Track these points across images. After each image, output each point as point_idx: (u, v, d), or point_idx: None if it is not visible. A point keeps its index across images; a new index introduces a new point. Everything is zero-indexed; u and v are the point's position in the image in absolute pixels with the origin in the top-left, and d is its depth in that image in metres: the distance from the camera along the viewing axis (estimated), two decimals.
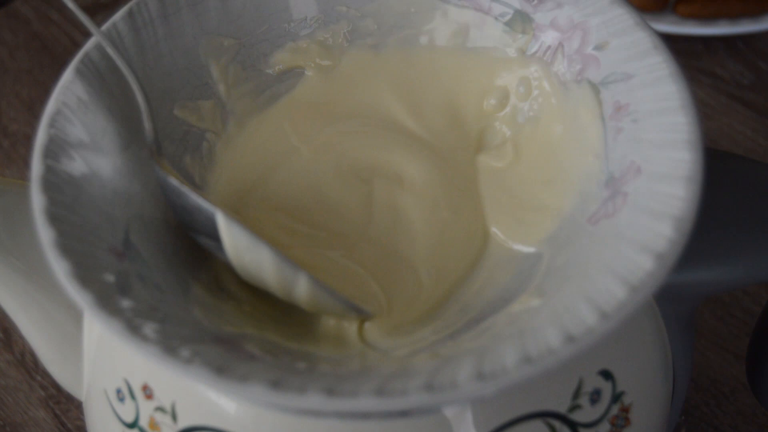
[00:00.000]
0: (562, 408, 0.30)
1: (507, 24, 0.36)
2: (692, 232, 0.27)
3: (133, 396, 0.32)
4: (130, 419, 0.32)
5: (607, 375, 0.31)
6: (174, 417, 0.31)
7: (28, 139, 0.66)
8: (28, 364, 0.53)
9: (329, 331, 0.31)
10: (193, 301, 0.30)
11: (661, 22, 0.68)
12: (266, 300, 0.32)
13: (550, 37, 0.35)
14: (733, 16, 0.69)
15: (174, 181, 0.31)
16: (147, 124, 0.33)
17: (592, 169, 0.32)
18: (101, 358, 0.34)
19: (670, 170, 0.28)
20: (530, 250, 0.32)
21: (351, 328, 0.31)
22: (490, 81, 0.37)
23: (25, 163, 0.28)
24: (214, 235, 0.30)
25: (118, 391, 0.32)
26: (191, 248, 0.33)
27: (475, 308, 0.31)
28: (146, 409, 0.32)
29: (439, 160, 0.36)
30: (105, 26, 0.34)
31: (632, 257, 0.27)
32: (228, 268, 0.32)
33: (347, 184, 0.35)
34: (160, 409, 0.31)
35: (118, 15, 0.35)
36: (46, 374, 0.38)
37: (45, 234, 0.28)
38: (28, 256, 0.35)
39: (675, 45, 0.32)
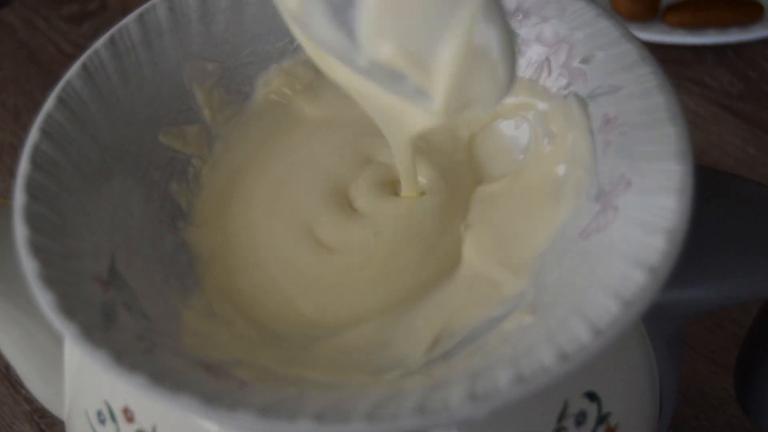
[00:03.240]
0: (547, 430, 0.30)
1: None
2: (683, 245, 0.27)
3: (113, 418, 0.31)
4: None
5: (592, 396, 0.30)
6: None
7: (14, 149, 0.66)
8: (12, 377, 0.52)
9: (323, 353, 0.31)
10: (183, 328, 0.30)
11: (650, 31, 0.68)
12: (260, 323, 0.32)
13: (536, 52, 0.35)
14: (722, 25, 0.69)
15: None
16: None
17: (581, 183, 0.32)
18: (82, 379, 0.34)
19: (660, 182, 0.28)
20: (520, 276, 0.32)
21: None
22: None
23: (11, 173, 0.28)
24: None
25: (99, 413, 0.32)
26: (181, 276, 0.32)
27: (466, 328, 0.31)
28: None
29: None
30: (87, 54, 0.34)
31: (625, 271, 0.27)
32: (222, 291, 0.32)
33: (338, 203, 0.35)
34: None
35: (100, 42, 0.34)
36: None
37: (28, 265, 0.27)
38: (7, 275, 0.34)
39: (664, 54, 0.32)
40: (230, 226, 0.35)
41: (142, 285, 0.30)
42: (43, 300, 0.27)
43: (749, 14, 0.69)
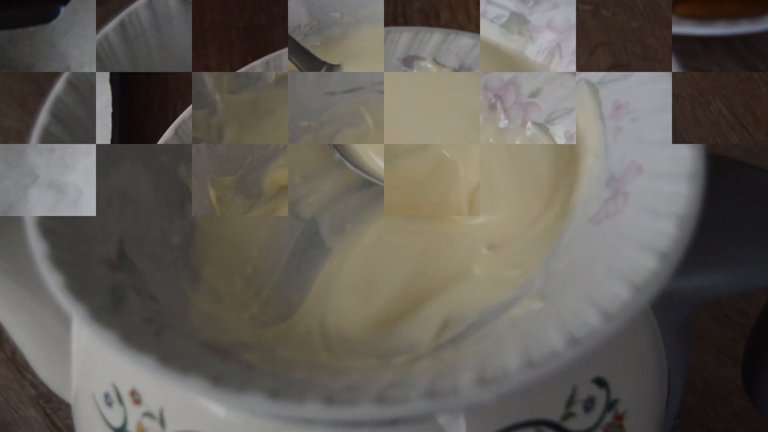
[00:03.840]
0: (555, 416, 0.30)
1: (503, 26, 0.36)
2: (694, 231, 0.27)
3: (121, 401, 0.31)
4: (118, 424, 0.32)
5: (601, 383, 0.30)
6: (162, 423, 0.30)
7: (21, 136, 0.66)
8: (18, 362, 0.52)
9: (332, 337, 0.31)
10: (191, 311, 0.30)
11: None
12: (267, 307, 0.32)
13: (546, 39, 0.35)
14: (731, 16, 0.69)
15: None
16: None
17: (592, 169, 0.31)
18: (90, 361, 0.34)
19: (671, 168, 0.28)
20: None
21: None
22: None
23: None
24: None
25: (106, 396, 0.32)
26: (189, 260, 0.32)
27: (474, 314, 0.31)
28: (134, 415, 0.31)
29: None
30: (96, 37, 0.34)
31: (635, 257, 0.26)
32: (230, 276, 0.32)
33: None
34: (148, 414, 0.31)
35: (110, 26, 0.34)
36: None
37: (38, 246, 0.27)
38: (16, 258, 0.34)
39: (673, 45, 0.32)
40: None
41: (150, 268, 0.30)
42: (53, 281, 0.27)
43: (758, 6, 0.69)
